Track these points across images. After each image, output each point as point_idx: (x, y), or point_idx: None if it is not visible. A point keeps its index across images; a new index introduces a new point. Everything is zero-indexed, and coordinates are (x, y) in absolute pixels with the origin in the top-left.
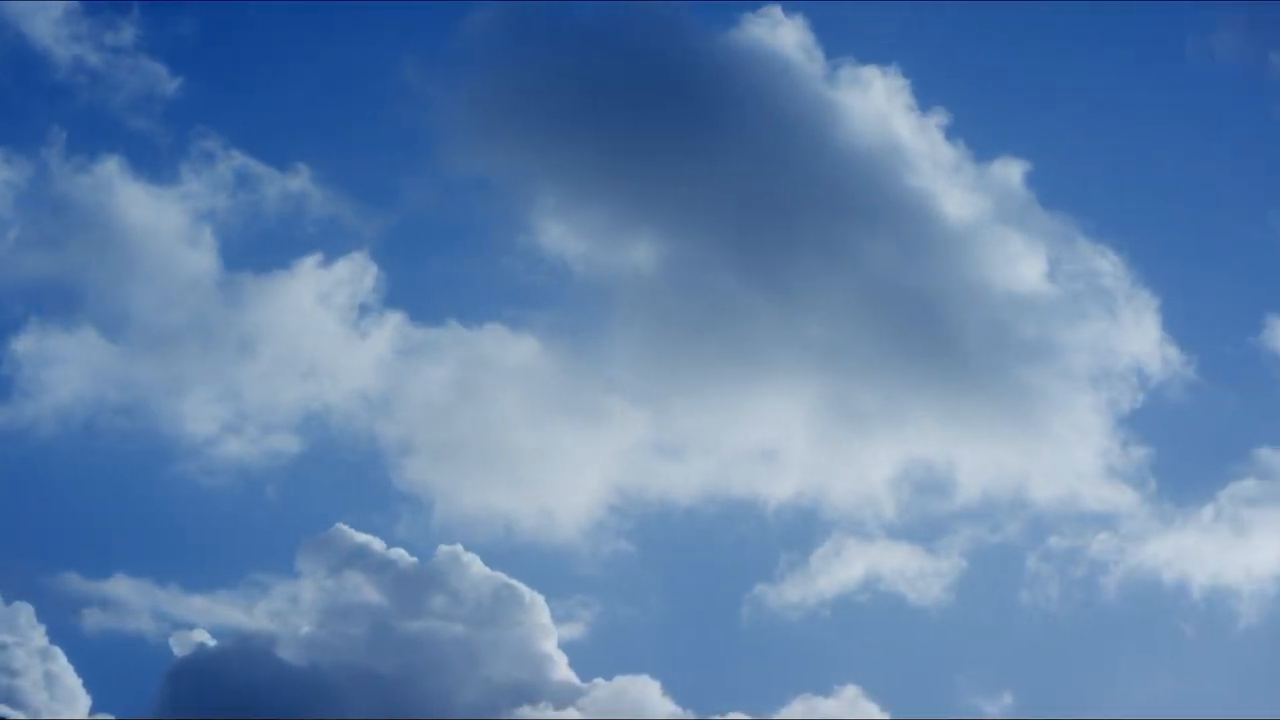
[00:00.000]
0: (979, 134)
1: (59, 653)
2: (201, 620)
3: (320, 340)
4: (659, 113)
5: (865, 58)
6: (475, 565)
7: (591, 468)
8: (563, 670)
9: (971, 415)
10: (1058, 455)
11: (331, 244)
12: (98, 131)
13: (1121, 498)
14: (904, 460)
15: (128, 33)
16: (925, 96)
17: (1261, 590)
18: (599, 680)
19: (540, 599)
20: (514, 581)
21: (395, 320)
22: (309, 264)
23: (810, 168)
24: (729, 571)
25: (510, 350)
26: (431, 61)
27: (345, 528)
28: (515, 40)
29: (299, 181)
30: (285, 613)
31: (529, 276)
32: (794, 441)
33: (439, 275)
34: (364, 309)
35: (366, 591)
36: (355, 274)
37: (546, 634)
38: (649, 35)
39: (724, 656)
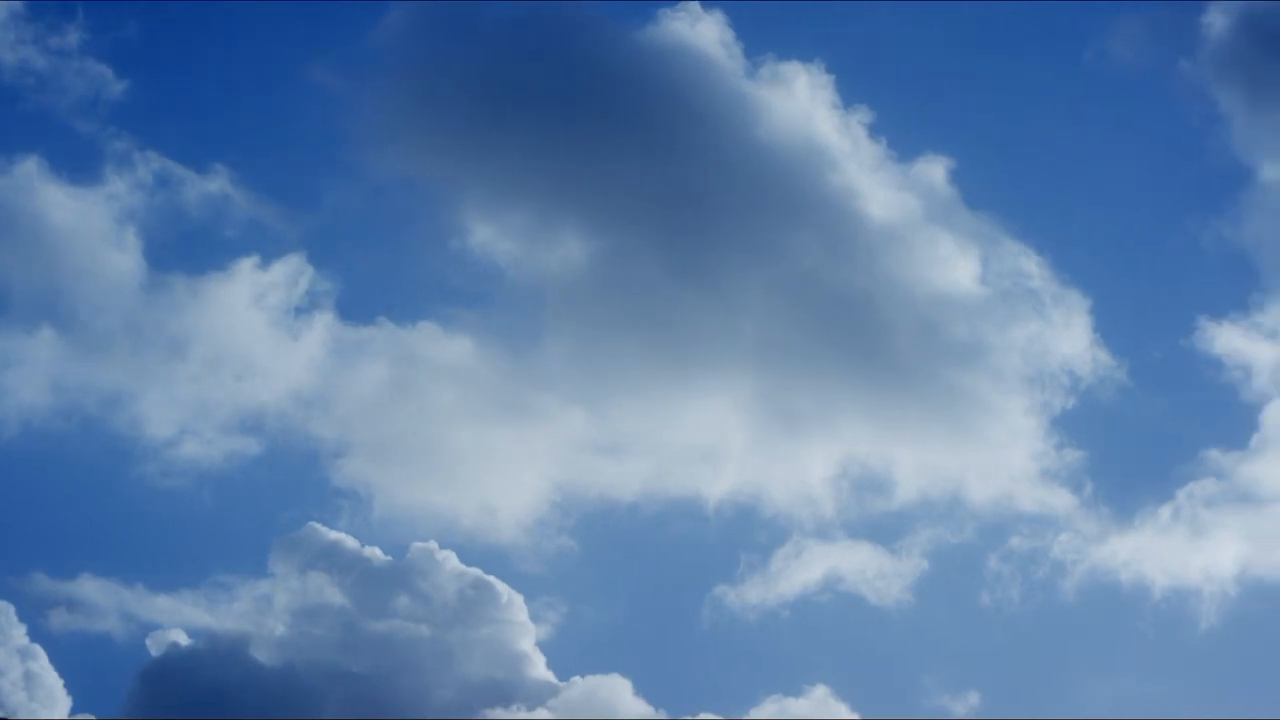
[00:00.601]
0: (903, 132)
1: (40, 651)
2: (171, 620)
3: (252, 341)
4: (579, 110)
5: (787, 54)
6: (451, 562)
7: (530, 466)
8: (540, 669)
9: (904, 416)
10: (992, 457)
11: (256, 246)
12: (12, 132)
13: (1058, 500)
14: (841, 460)
15: (29, 32)
16: (849, 94)
17: (1221, 591)
18: (576, 679)
19: (519, 597)
20: (490, 578)
21: (326, 321)
22: (235, 266)
23: (733, 164)
24: (676, 569)
25: (444, 349)
26: (345, 62)
27: (318, 526)
28: (430, 40)
29: (218, 183)
30: (258, 612)
31: (459, 276)
32: (732, 440)
33: (368, 276)
34: (294, 310)
35: (339, 590)
36: (284, 275)
37: (523, 632)
38: (565, 32)
39: (686, 656)
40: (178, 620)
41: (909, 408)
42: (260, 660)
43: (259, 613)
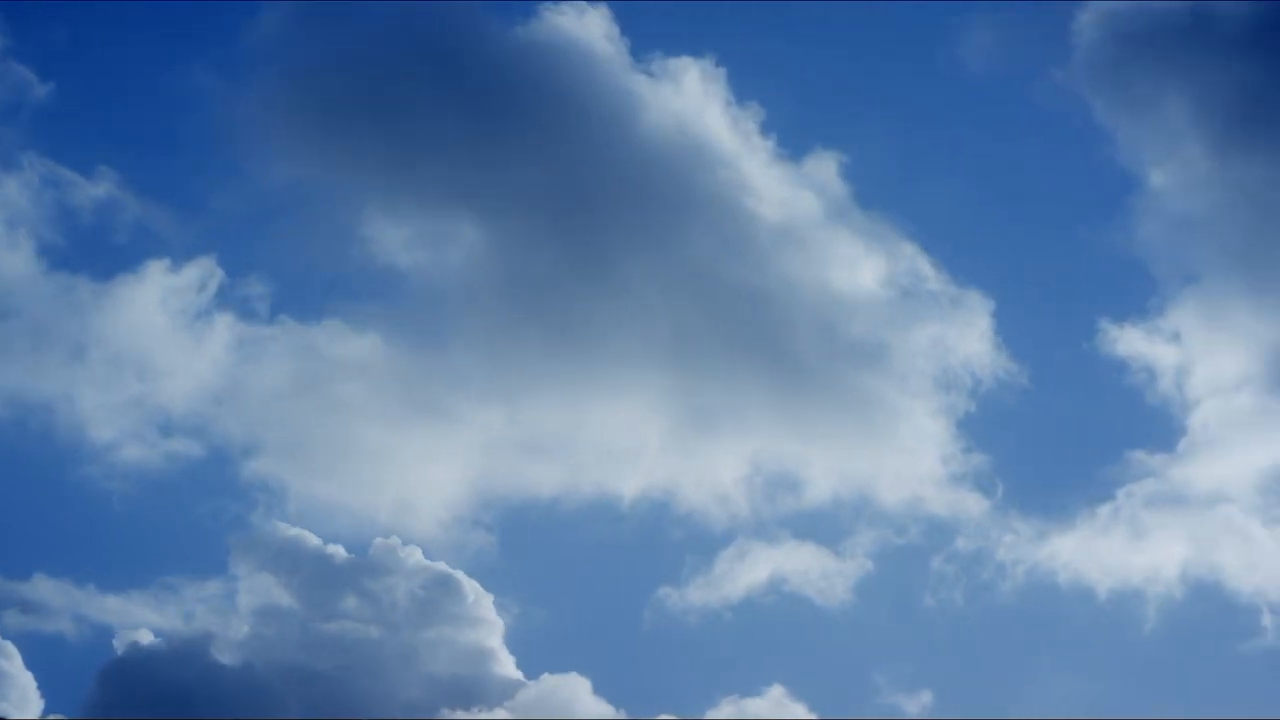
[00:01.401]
0: (793, 130)
1: (14, 650)
2: (125, 621)
3: (154, 344)
4: (464, 106)
5: (675, 51)
6: (415, 557)
7: (444, 464)
8: (506, 666)
9: (812, 416)
10: (902, 458)
11: (151, 248)
12: None
13: (967, 502)
14: (752, 459)
15: None
16: (740, 90)
17: (1163, 591)
18: (546, 675)
19: (488, 597)
20: (456, 572)
21: (228, 321)
22: (132, 269)
23: (622, 160)
24: (597, 567)
25: (351, 347)
26: (223, 63)
27: (279, 524)
28: (308, 39)
29: (105, 186)
30: (216, 612)
31: (358, 273)
32: (646, 438)
33: (267, 276)
34: (196, 312)
35: (299, 588)
36: (183, 277)
37: (489, 629)
38: (446, 29)
39: (631, 656)
40: (132, 621)
41: (816, 408)
42: (220, 660)
43: (217, 613)
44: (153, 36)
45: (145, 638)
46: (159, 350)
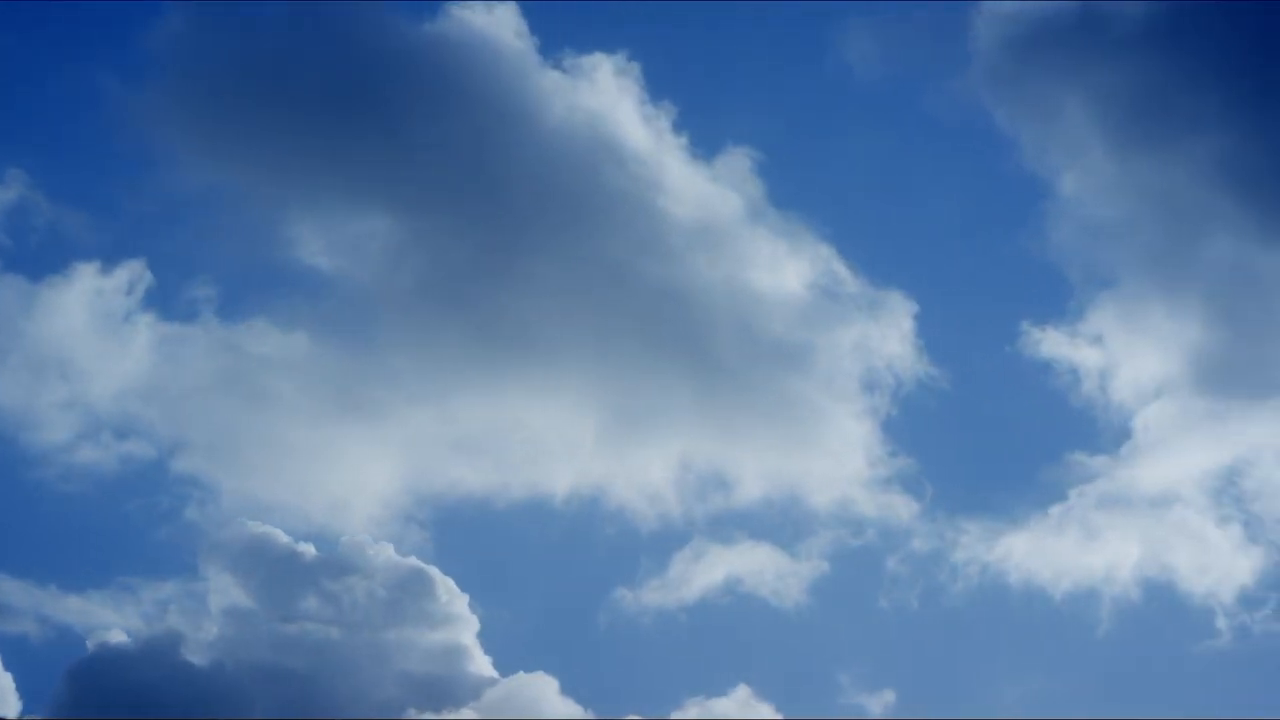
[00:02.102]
0: (708, 128)
1: None
2: (85, 621)
3: (79, 346)
4: (377, 105)
5: (587, 47)
6: (385, 553)
7: (377, 462)
8: (478, 663)
9: (737, 418)
10: (828, 461)
11: (70, 251)
12: None
13: (896, 504)
14: (680, 460)
15: None
16: (654, 88)
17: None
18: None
19: (462, 596)
20: (429, 567)
21: (150, 322)
22: (51, 271)
23: (532, 157)
24: (539, 567)
25: (278, 347)
26: (126, 65)
27: (248, 522)
28: (214, 39)
29: (17, 190)
30: (186, 611)
31: (280, 274)
32: (576, 437)
33: (188, 277)
34: (117, 314)
35: (269, 586)
36: (102, 279)
37: (463, 625)
38: (354, 27)
39: (584, 657)
40: (93, 622)
41: (742, 409)
42: (191, 660)
43: (182, 612)
44: (50, 38)
45: (112, 637)
46: (83, 352)
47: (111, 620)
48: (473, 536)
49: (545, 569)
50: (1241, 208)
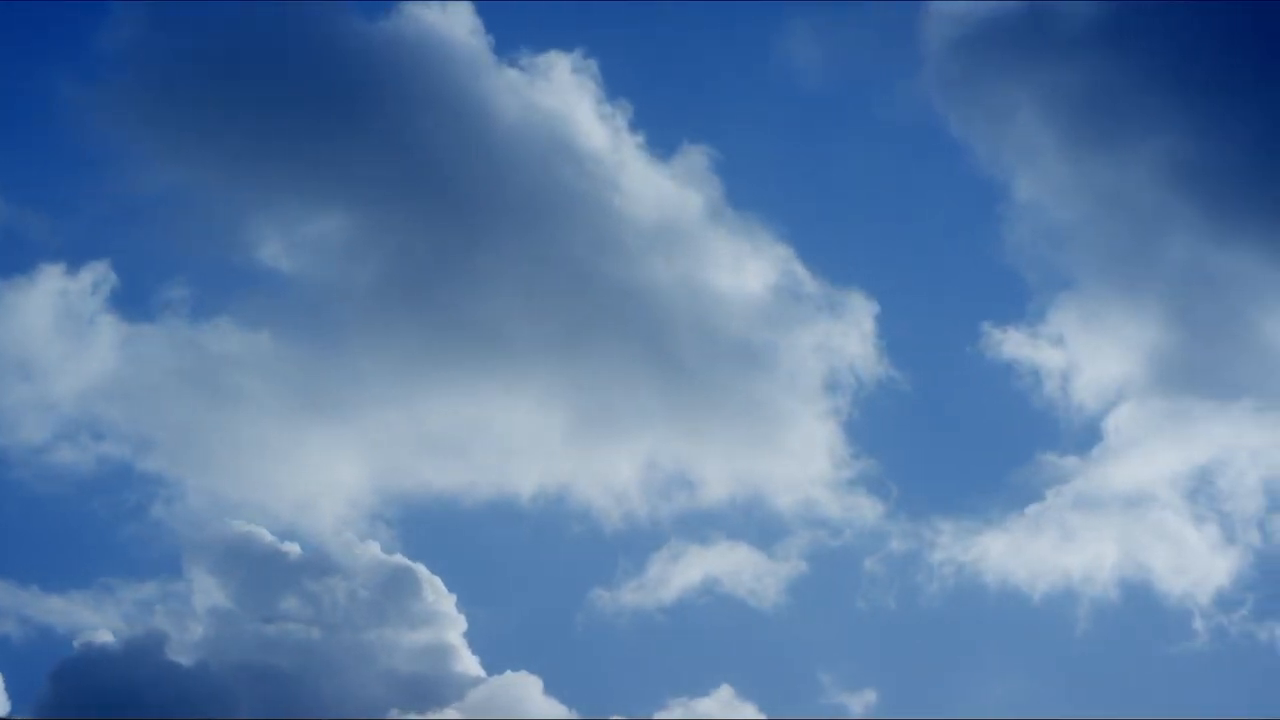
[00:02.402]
0: (665, 127)
1: None
2: (67, 622)
3: (40, 347)
4: (333, 104)
5: (543, 47)
6: (371, 552)
7: (344, 461)
8: (466, 662)
9: (701, 417)
10: (792, 462)
11: (28, 253)
12: None
13: (863, 505)
14: (647, 459)
15: None
16: (611, 86)
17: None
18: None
19: (450, 595)
20: (415, 565)
21: (111, 322)
22: (11, 273)
23: (493, 155)
24: (518, 567)
25: (241, 346)
26: (79, 66)
27: (232, 521)
28: (168, 39)
29: None
30: (174, 612)
31: (242, 273)
32: (543, 436)
33: (153, 277)
34: (79, 315)
35: (254, 585)
36: (62, 281)
37: (450, 623)
38: (310, 26)
39: (566, 658)
40: (73, 622)
41: (706, 410)
42: (174, 659)
43: (171, 613)
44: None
45: (97, 637)
46: (45, 353)
47: (93, 620)
48: (443, 535)
49: (520, 568)
50: (1197, 207)
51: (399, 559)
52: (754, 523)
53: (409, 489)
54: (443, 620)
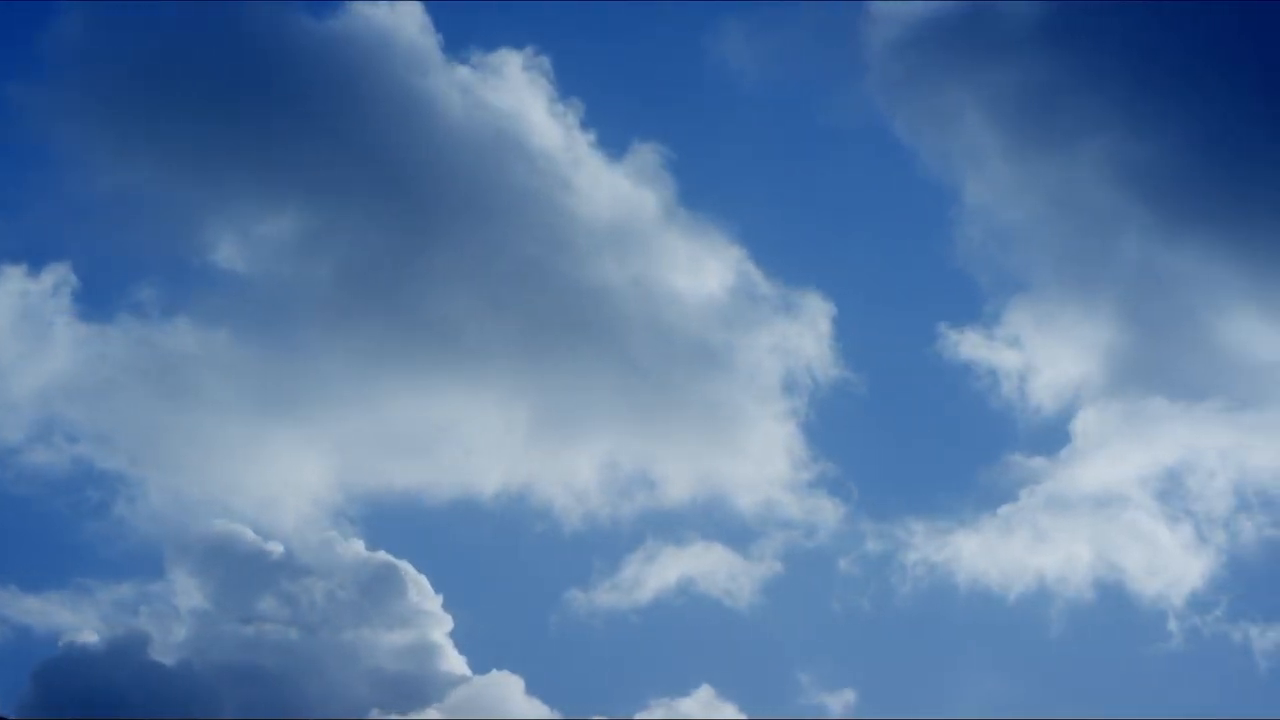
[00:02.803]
0: (620, 126)
1: None
2: (45, 622)
3: (5, 347)
4: (283, 103)
5: (494, 44)
6: (355, 549)
7: (307, 460)
8: (450, 660)
9: (660, 418)
10: (751, 463)
11: None
12: None
13: (824, 506)
14: (607, 459)
15: None
16: (563, 85)
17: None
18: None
19: (435, 592)
20: (401, 562)
21: (67, 322)
22: None
23: (443, 154)
24: (487, 567)
25: (200, 346)
26: (25, 66)
27: (215, 521)
28: (115, 39)
29: None
30: (157, 613)
31: (199, 273)
32: (504, 435)
33: (106, 275)
34: (35, 316)
35: (236, 585)
36: (15, 282)
37: (436, 621)
38: (258, 25)
39: (545, 658)
40: (52, 623)
41: (665, 410)
42: (156, 659)
43: (154, 613)
44: None
45: (80, 637)
46: (9, 353)
47: (70, 620)
48: (410, 533)
49: (491, 567)
50: (1146, 207)
51: (382, 556)
52: (715, 523)
53: (373, 488)
54: (426, 619)
